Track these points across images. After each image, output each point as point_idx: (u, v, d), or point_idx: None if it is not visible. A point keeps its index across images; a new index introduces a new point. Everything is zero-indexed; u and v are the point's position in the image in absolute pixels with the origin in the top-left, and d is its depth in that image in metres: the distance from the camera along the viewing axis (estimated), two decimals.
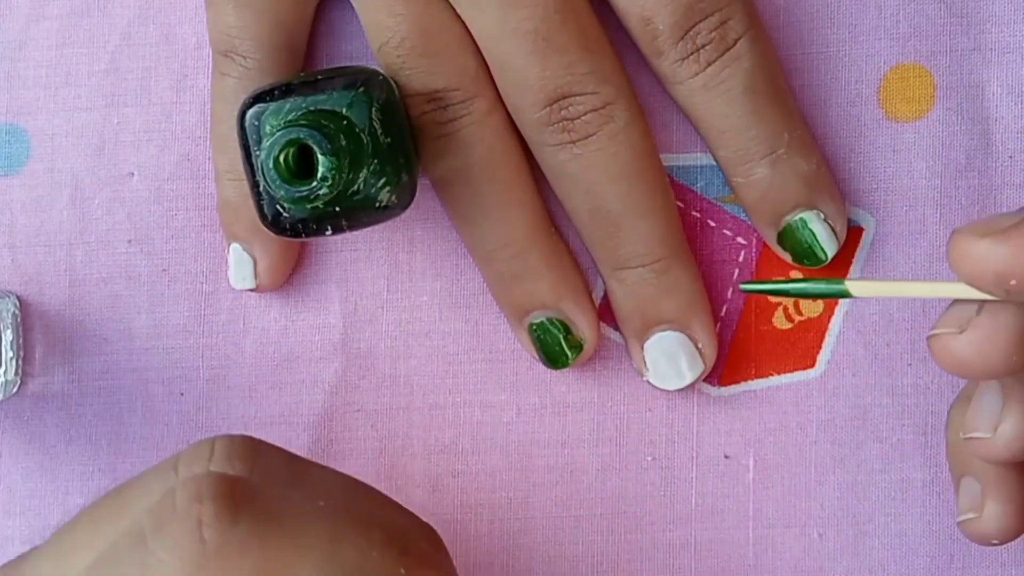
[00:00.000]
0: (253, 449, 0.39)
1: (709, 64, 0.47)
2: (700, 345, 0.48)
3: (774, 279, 0.49)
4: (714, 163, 0.49)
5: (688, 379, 0.48)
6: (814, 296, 0.46)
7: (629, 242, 0.47)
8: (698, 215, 0.49)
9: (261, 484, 0.39)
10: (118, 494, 0.39)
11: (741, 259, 0.50)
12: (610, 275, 0.48)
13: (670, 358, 0.48)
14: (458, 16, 0.47)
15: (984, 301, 0.40)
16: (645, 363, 0.49)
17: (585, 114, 0.46)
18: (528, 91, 0.46)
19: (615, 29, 0.47)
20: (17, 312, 0.50)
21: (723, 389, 0.49)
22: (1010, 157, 0.49)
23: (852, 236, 0.49)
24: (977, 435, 0.42)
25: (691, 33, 0.46)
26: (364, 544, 0.38)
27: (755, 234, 0.49)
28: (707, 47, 0.47)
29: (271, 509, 0.38)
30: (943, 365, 0.41)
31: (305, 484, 0.40)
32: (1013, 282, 0.39)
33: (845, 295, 0.42)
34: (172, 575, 0.36)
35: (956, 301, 0.41)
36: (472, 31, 0.47)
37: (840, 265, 0.49)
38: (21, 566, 0.39)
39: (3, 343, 0.48)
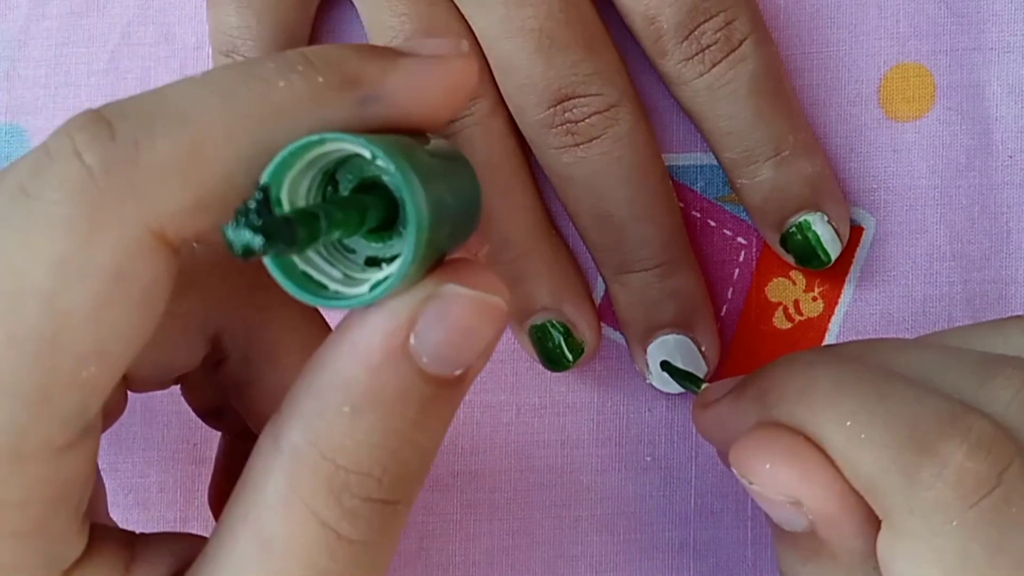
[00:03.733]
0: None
1: (714, 65, 0.46)
2: (703, 348, 0.48)
3: None
4: (714, 163, 0.49)
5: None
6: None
7: (633, 246, 0.47)
8: (698, 215, 0.49)
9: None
10: None
11: (741, 259, 0.50)
12: (613, 279, 0.48)
13: (673, 362, 0.48)
14: (461, 16, 0.46)
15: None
16: (648, 366, 0.48)
17: (589, 116, 0.46)
18: (531, 91, 0.46)
19: (618, 29, 0.47)
20: None
21: None
22: (1010, 157, 0.49)
23: (852, 236, 0.49)
24: None
25: (696, 33, 0.46)
26: None
27: (755, 234, 0.49)
28: (712, 48, 0.46)
29: (147, 119, 0.33)
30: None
31: None
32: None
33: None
34: (67, 212, 0.32)
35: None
36: (475, 30, 0.46)
37: (840, 265, 0.49)
38: None
39: None
